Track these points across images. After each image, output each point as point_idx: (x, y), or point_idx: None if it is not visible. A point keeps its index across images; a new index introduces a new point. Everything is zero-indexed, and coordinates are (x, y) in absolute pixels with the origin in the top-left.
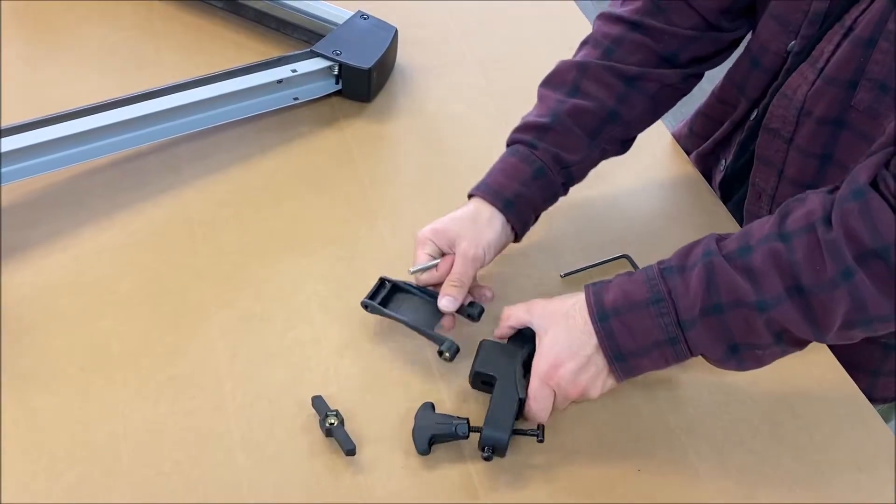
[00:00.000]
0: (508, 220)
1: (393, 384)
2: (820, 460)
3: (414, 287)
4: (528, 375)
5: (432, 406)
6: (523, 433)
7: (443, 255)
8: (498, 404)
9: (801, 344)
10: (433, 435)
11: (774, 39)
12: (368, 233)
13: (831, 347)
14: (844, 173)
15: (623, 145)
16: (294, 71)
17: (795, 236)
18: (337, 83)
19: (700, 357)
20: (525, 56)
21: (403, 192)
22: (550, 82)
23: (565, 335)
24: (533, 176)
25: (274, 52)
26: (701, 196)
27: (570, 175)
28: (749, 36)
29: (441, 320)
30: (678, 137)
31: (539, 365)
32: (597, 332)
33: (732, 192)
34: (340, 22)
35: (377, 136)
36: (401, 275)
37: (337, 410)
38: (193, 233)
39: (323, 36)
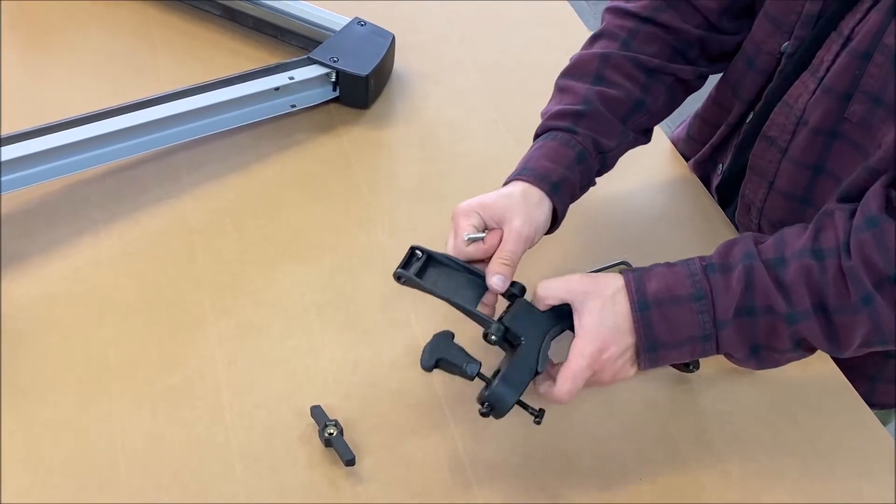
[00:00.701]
0: (553, 205)
1: (392, 393)
2: (821, 467)
3: (450, 259)
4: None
5: (452, 335)
6: (525, 407)
7: (486, 229)
8: (515, 367)
9: (815, 350)
10: (442, 358)
11: (768, 40)
12: (367, 240)
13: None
14: (835, 186)
15: (646, 134)
16: (291, 78)
17: (828, 256)
18: (334, 90)
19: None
20: (523, 60)
21: (402, 199)
22: (572, 73)
23: (612, 318)
24: (576, 160)
25: (271, 60)
26: (699, 201)
27: (605, 162)
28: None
29: (483, 298)
30: (676, 142)
31: (585, 346)
32: (635, 321)
33: (730, 197)
34: (338, 28)
35: (375, 142)
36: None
37: (336, 420)
38: (191, 241)
39: (320, 43)
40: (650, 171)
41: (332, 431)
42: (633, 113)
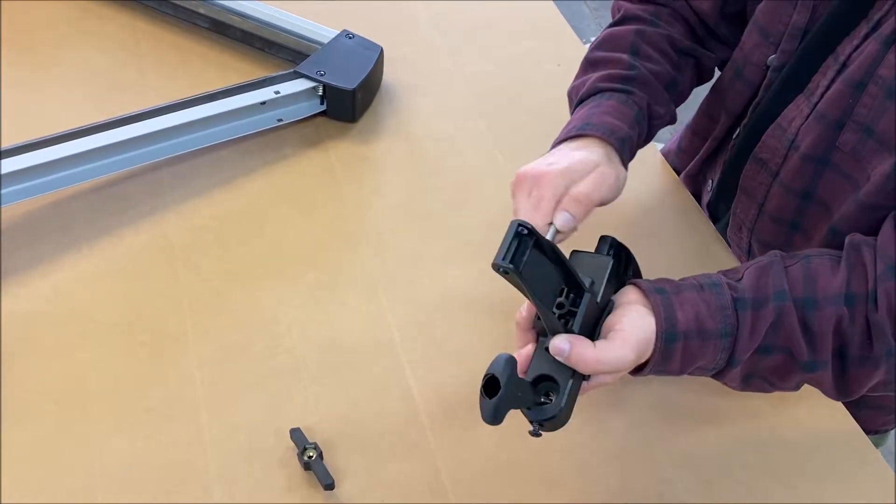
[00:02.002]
0: (623, 163)
1: (374, 414)
2: (812, 492)
3: (550, 247)
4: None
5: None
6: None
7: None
8: (576, 382)
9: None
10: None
11: (755, 50)
12: (351, 257)
13: None
14: (825, 214)
15: (673, 117)
16: (277, 93)
17: (858, 303)
18: (322, 104)
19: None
20: (513, 73)
21: (387, 215)
22: (606, 46)
23: (644, 332)
24: (635, 120)
25: (260, 73)
26: (689, 217)
27: (650, 131)
28: None
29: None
30: (667, 154)
31: (629, 352)
32: (657, 349)
33: (720, 214)
34: (326, 41)
35: (362, 157)
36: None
37: (315, 443)
38: (174, 259)
39: (308, 56)
40: (641, 184)
41: (311, 455)
42: (668, 88)
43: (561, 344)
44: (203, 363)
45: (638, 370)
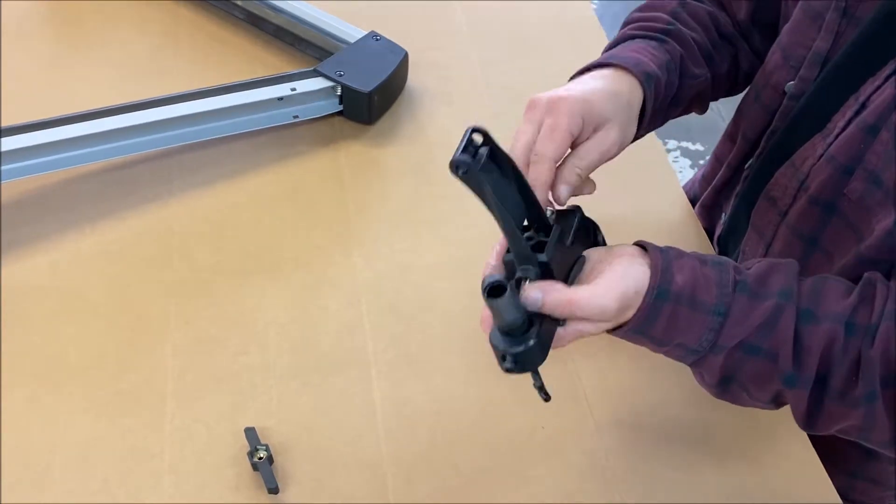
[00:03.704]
0: (643, 100)
1: (332, 424)
2: None
3: (509, 161)
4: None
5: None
6: (537, 378)
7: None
8: (549, 322)
9: (784, 405)
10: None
11: (776, 73)
12: (341, 261)
13: (812, 439)
14: (828, 263)
15: (704, 100)
16: (294, 89)
17: (856, 334)
18: (339, 104)
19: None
20: (543, 88)
21: (385, 222)
22: (646, 8)
23: (634, 283)
24: (666, 65)
25: (288, 68)
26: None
27: (677, 95)
28: None
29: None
30: (693, 182)
31: (612, 300)
32: (644, 305)
33: (730, 249)
34: (352, 41)
35: (372, 160)
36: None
37: (267, 445)
38: (170, 246)
39: (333, 55)
40: (656, 214)
41: (261, 456)
42: (706, 61)
43: (533, 293)
44: (177, 352)
45: (618, 327)
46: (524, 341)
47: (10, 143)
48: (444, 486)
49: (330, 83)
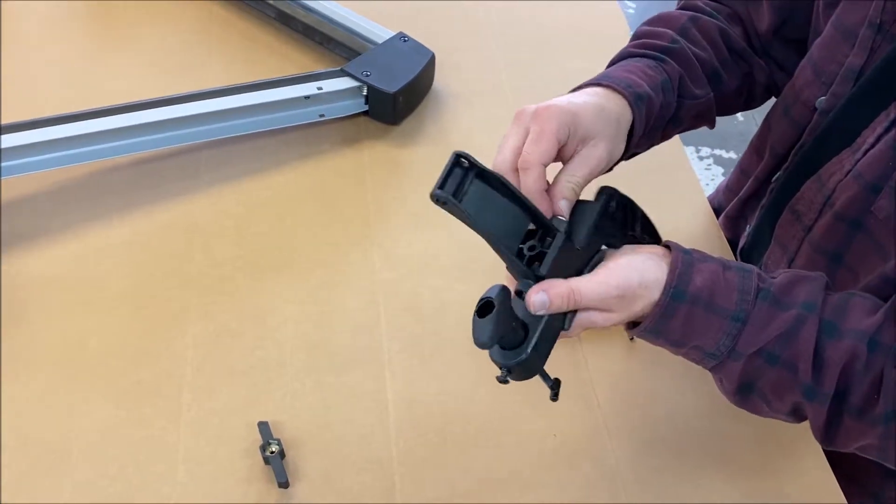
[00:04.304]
0: (633, 121)
1: (345, 421)
2: None
3: (499, 180)
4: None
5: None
6: (544, 377)
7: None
8: (546, 329)
9: (804, 420)
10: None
11: (806, 88)
12: (359, 260)
13: (830, 461)
14: (852, 281)
15: (711, 115)
16: (320, 88)
17: (880, 352)
18: (365, 104)
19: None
20: (566, 91)
21: (404, 223)
22: (656, 23)
23: (640, 275)
24: (661, 86)
25: (316, 67)
26: None
27: (676, 115)
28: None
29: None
30: (718, 192)
31: (610, 289)
32: (659, 304)
33: (753, 261)
34: (380, 42)
35: (395, 161)
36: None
37: (279, 439)
38: (193, 240)
39: (360, 55)
40: (679, 223)
41: (273, 450)
42: (711, 79)
43: (538, 298)
44: (196, 345)
45: (635, 325)
46: (519, 353)
47: (44, 133)
48: (453, 488)
49: (356, 83)
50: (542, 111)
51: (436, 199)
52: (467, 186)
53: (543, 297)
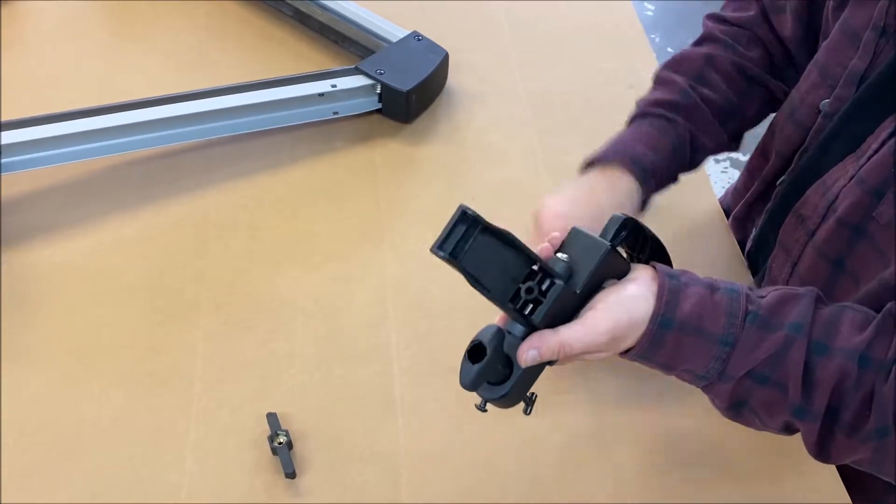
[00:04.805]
0: (643, 196)
1: (352, 415)
2: None
3: (501, 232)
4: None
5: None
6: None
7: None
8: (530, 371)
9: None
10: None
11: (812, 91)
12: (371, 255)
13: (837, 465)
14: (854, 287)
15: (737, 140)
16: (334, 86)
17: (871, 368)
18: (379, 102)
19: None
20: (581, 92)
21: (415, 219)
22: (674, 67)
23: (628, 314)
24: (671, 149)
25: (331, 65)
26: (732, 265)
27: (694, 158)
28: None
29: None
30: (726, 195)
31: (602, 334)
32: (647, 332)
33: (759, 265)
34: (394, 41)
35: (407, 158)
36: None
37: (287, 430)
38: (207, 234)
39: (374, 53)
40: (690, 225)
41: (280, 441)
42: (728, 117)
43: (529, 354)
44: (208, 336)
45: (624, 351)
46: (501, 390)
47: (62, 128)
48: (457, 485)
49: (370, 81)
50: (538, 217)
51: (435, 254)
52: (470, 242)
53: (535, 353)
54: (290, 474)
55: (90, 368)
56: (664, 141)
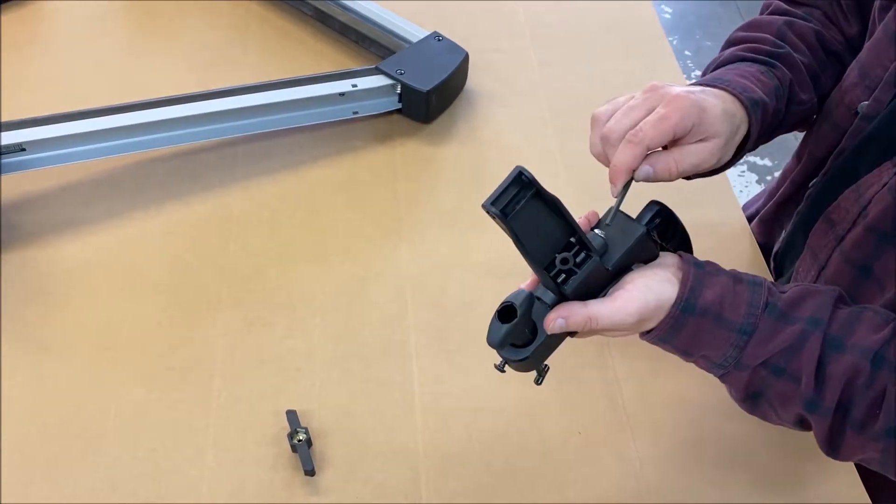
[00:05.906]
0: (749, 128)
1: (371, 413)
2: None
3: (552, 199)
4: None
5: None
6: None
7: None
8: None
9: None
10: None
11: (851, 90)
12: (389, 254)
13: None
14: (879, 293)
15: (811, 118)
16: (355, 86)
17: (884, 367)
18: (399, 102)
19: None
20: (601, 93)
21: (433, 219)
22: (751, 28)
23: (656, 296)
24: (774, 91)
25: (352, 65)
26: (753, 269)
27: (782, 120)
28: None
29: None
30: (759, 198)
31: (630, 315)
32: (669, 315)
33: (785, 268)
34: (415, 41)
35: (427, 158)
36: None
37: (306, 428)
38: (228, 231)
39: (395, 53)
40: (712, 226)
41: (300, 438)
42: (815, 80)
43: (557, 322)
44: (227, 333)
45: (645, 332)
46: (523, 353)
47: (87, 125)
48: (476, 483)
49: (390, 81)
50: (673, 99)
51: (487, 210)
52: (521, 203)
53: (562, 322)
54: (310, 472)
55: (113, 362)
56: (767, 81)
